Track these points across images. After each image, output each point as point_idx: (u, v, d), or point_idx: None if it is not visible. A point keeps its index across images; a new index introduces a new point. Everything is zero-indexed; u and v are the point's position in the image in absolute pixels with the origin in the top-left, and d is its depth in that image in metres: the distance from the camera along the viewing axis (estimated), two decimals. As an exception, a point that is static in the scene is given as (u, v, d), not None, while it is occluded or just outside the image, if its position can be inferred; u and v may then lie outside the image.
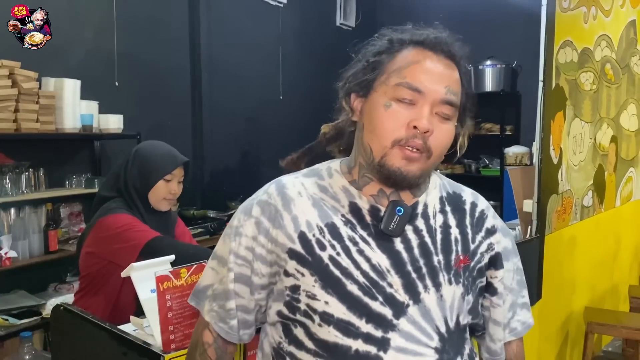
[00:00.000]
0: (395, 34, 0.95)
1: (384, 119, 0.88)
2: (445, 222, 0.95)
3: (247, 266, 0.92)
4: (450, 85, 0.89)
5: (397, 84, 0.88)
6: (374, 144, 0.89)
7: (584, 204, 3.06)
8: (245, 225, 0.93)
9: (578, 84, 2.86)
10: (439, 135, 0.89)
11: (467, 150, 0.97)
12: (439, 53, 0.91)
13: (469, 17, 5.45)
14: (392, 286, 0.87)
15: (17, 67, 2.85)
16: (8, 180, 2.87)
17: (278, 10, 4.86)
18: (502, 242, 1.01)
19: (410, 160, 0.87)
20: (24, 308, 2.81)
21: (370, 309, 0.86)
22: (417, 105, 0.87)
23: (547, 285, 2.59)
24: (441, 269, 0.91)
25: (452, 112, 0.90)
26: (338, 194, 0.94)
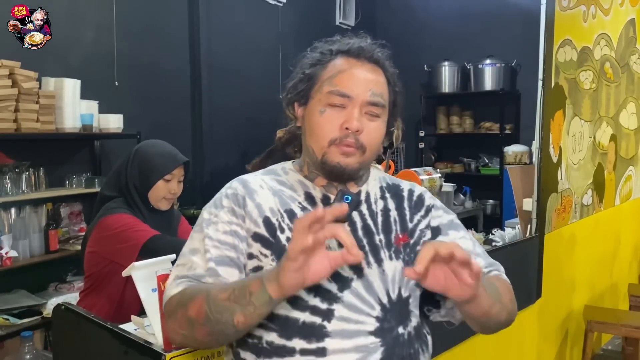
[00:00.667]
0: (326, 45, 1.07)
1: (320, 123, 1.01)
2: (385, 206, 1.07)
3: (230, 249, 0.98)
4: (374, 88, 1.01)
5: (328, 91, 1.01)
6: (315, 145, 1.02)
7: (584, 202, 3.06)
8: (219, 214, 1.01)
9: (577, 83, 2.86)
10: (370, 133, 1.01)
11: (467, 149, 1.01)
12: (363, 60, 1.03)
13: (468, 16, 5.45)
14: None
15: (17, 67, 2.86)
16: (8, 180, 2.87)
17: (277, 9, 4.86)
18: (443, 217, 1.11)
19: (347, 155, 0.99)
20: (25, 308, 2.81)
21: (318, 285, 0.94)
22: (348, 109, 0.99)
23: (547, 284, 2.59)
24: (382, 247, 1.02)
25: (380, 110, 1.02)
26: (295, 185, 1.06)
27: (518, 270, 2.44)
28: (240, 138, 4.48)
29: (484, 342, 2.11)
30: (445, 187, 1.99)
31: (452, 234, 1.08)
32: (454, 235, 1.08)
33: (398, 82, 1.09)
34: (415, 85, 5.89)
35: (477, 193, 5.37)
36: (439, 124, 5.84)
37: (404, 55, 5.90)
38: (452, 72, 5.61)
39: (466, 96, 5.68)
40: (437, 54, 5.64)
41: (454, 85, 5.63)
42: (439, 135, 5.91)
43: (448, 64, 5.58)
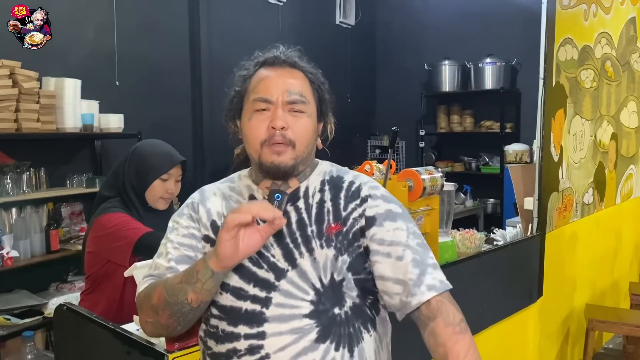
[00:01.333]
0: (248, 62, 1.18)
1: (249, 129, 1.11)
2: (321, 198, 1.13)
3: (189, 249, 1.11)
4: (291, 88, 1.10)
5: (253, 99, 1.11)
6: (251, 150, 1.12)
7: (585, 201, 3.06)
8: (180, 221, 1.15)
9: (578, 82, 2.86)
10: (296, 128, 1.09)
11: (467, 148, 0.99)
12: (279, 66, 1.13)
13: (469, 15, 5.45)
14: (274, 257, 1.08)
15: (18, 67, 2.86)
16: (9, 180, 2.87)
17: (278, 8, 4.86)
18: (380, 207, 1.12)
19: (279, 153, 1.08)
20: (26, 308, 2.81)
21: (257, 276, 1.06)
22: (271, 111, 1.09)
23: (548, 283, 2.59)
24: (314, 237, 1.08)
25: (302, 107, 1.10)
26: (242, 190, 1.17)
27: (519, 269, 2.44)
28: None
29: (486, 340, 2.11)
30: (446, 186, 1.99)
31: (387, 225, 1.09)
32: (388, 226, 1.09)
33: (321, 79, 1.17)
34: (416, 84, 5.89)
35: (477, 192, 5.37)
36: (439, 123, 5.84)
37: (404, 54, 5.95)
38: (453, 71, 5.61)
39: (466, 95, 5.68)
40: (437, 53, 5.64)
41: (455, 84, 5.63)
42: (440, 134, 5.91)
43: (448, 62, 5.58)
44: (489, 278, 2.20)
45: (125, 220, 1.80)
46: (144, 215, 1.87)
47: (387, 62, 6.23)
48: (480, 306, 2.10)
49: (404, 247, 1.08)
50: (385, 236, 1.09)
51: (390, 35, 6.13)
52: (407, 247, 1.08)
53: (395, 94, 6.07)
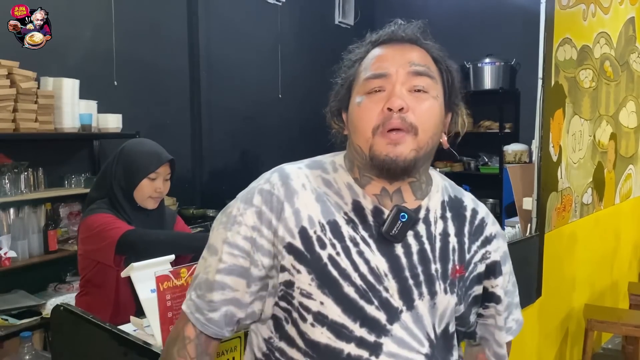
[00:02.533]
0: (358, 44, 0.98)
1: (359, 114, 0.89)
2: (445, 229, 0.94)
3: (244, 257, 0.88)
4: (413, 60, 0.90)
5: (364, 79, 0.90)
6: (360, 141, 0.89)
7: (584, 201, 3.06)
8: (246, 214, 0.89)
9: (577, 82, 2.86)
10: (419, 110, 0.87)
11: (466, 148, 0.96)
12: (397, 42, 0.93)
13: (468, 15, 5.45)
14: (388, 290, 0.87)
15: (16, 67, 2.85)
16: (7, 180, 2.86)
17: (277, 8, 4.85)
18: (501, 248, 1.01)
19: (395, 143, 0.85)
20: (24, 308, 2.81)
21: (365, 313, 0.85)
22: (388, 89, 0.88)
23: (547, 283, 2.59)
24: (438, 278, 0.90)
25: (428, 83, 0.89)
26: (342, 190, 0.92)
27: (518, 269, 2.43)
28: (239, 137, 4.47)
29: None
30: (445, 187, 1.98)
31: (504, 270, 1.01)
32: (504, 272, 1.01)
33: (449, 61, 0.97)
34: (415, 84, 5.88)
35: (476, 192, 5.31)
36: (438, 123, 5.83)
37: (403, 54, 5.93)
38: (452, 71, 5.60)
39: (465, 95, 5.66)
40: (436, 53, 5.63)
41: (453, 84, 5.62)
42: (439, 134, 5.90)
43: (447, 62, 5.58)
44: (488, 278, 2.20)
45: (109, 220, 1.79)
46: (132, 215, 1.86)
47: (386, 62, 6.22)
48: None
49: (506, 294, 1.01)
50: (504, 285, 1.00)
51: (389, 35, 6.13)
52: (506, 293, 1.02)
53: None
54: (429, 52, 0.94)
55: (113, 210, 1.84)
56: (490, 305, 1.00)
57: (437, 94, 0.91)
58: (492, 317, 1.01)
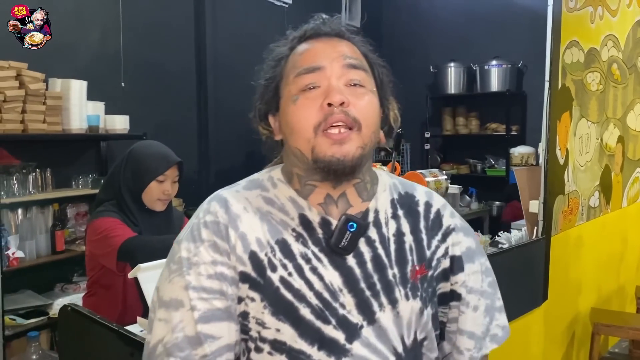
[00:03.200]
0: (282, 42, 0.91)
1: (296, 113, 0.82)
2: (398, 229, 0.88)
3: (218, 298, 0.79)
4: (346, 53, 0.84)
5: (295, 76, 0.83)
6: (299, 143, 0.82)
7: (591, 204, 3.04)
8: (200, 252, 0.81)
9: (584, 84, 2.85)
10: (359, 104, 0.81)
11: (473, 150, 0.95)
12: (324, 36, 0.88)
13: (475, 17, 5.44)
14: (344, 307, 0.80)
15: (24, 69, 2.87)
16: (15, 180, 2.88)
17: (283, 10, 4.86)
18: (463, 243, 0.92)
19: (341, 142, 0.79)
20: (31, 308, 2.83)
21: (322, 334, 0.79)
22: (323, 85, 0.81)
23: (553, 286, 2.58)
24: (397, 284, 0.84)
25: (363, 77, 0.84)
26: (286, 205, 0.85)
27: (524, 272, 2.43)
28: (245, 139, 4.46)
29: (490, 344, 2.10)
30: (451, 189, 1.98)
31: (467, 268, 0.91)
32: (469, 269, 0.91)
33: (376, 56, 0.92)
34: (421, 86, 5.88)
35: (483, 194, 5.35)
36: (444, 125, 5.83)
37: (410, 55, 5.94)
38: (458, 73, 5.60)
39: (472, 97, 5.67)
40: (443, 55, 5.63)
41: (460, 86, 5.62)
42: (445, 137, 5.90)
43: (454, 64, 5.57)
44: (494, 281, 2.19)
45: (112, 225, 1.80)
46: (139, 217, 1.87)
47: (392, 64, 6.07)
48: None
49: (480, 295, 0.92)
50: (468, 282, 0.91)
51: (395, 37, 6.13)
52: (482, 294, 0.92)
53: (400, 95, 5.98)
54: (358, 47, 0.89)
55: (120, 213, 1.85)
56: (452, 305, 0.91)
57: (371, 87, 0.86)
58: (454, 320, 0.92)
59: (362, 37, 0.92)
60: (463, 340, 0.91)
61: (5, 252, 2.72)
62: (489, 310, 0.93)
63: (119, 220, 1.82)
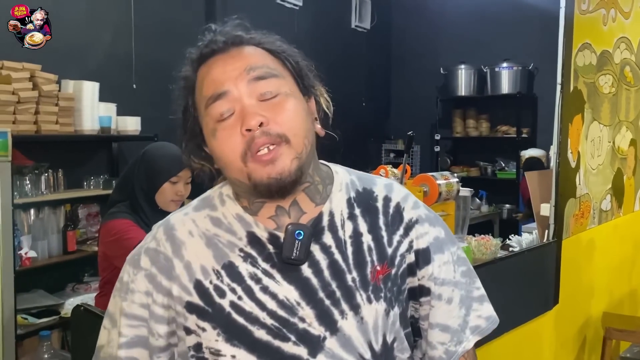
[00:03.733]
0: (184, 67, 0.87)
1: (218, 147, 0.78)
2: (355, 229, 0.84)
3: (144, 326, 0.81)
4: (249, 64, 0.79)
5: (205, 107, 0.79)
6: (234, 173, 0.79)
7: (602, 208, 3.02)
8: (137, 279, 0.82)
9: (597, 87, 2.83)
10: (280, 116, 0.77)
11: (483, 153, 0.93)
12: (220, 52, 0.82)
13: (485, 19, 5.43)
14: (304, 320, 0.77)
15: (38, 70, 2.90)
16: (28, 181, 2.91)
17: (293, 12, 4.88)
18: (430, 234, 0.88)
19: (272, 161, 0.75)
20: (43, 307, 2.85)
21: (283, 353, 0.76)
22: (236, 108, 0.77)
23: (565, 290, 2.57)
24: (357, 288, 0.80)
25: (274, 84, 0.79)
26: (233, 224, 0.82)
27: (535, 275, 2.42)
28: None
29: (500, 348, 2.09)
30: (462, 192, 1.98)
31: (437, 259, 0.87)
32: (438, 260, 0.87)
33: (283, 46, 0.86)
34: (431, 88, 5.87)
35: (493, 197, 5.33)
36: (455, 127, 5.81)
37: (420, 58, 5.93)
38: (469, 75, 5.58)
39: (483, 99, 5.65)
40: (453, 57, 5.62)
41: (471, 88, 5.60)
42: (455, 139, 5.88)
43: (464, 67, 5.56)
44: (505, 284, 2.18)
45: (126, 227, 1.82)
46: (152, 218, 1.88)
47: (402, 66, 6.22)
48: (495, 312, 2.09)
49: (453, 286, 0.88)
50: (437, 274, 0.86)
51: (406, 39, 6.12)
52: (455, 285, 0.88)
53: (410, 97, 6.06)
54: (260, 46, 0.83)
55: (133, 214, 1.86)
56: (422, 301, 0.87)
57: (289, 88, 0.80)
58: (425, 316, 0.87)
59: (264, 32, 0.86)
60: (435, 334, 0.87)
61: (18, 251, 2.74)
62: (464, 301, 0.89)
63: (132, 221, 1.84)
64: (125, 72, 3.60)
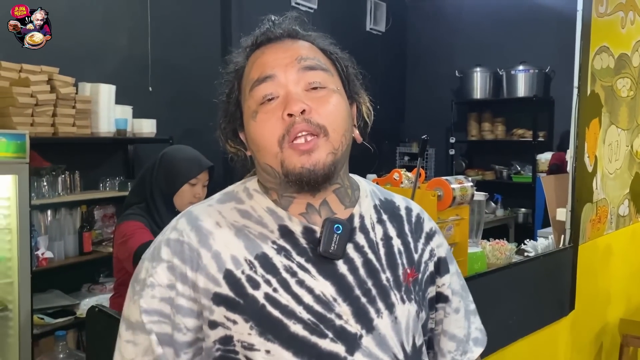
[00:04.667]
0: (235, 53, 0.88)
1: (257, 130, 0.77)
2: (385, 233, 0.85)
3: (166, 322, 0.76)
4: (301, 54, 0.79)
5: (250, 89, 0.79)
6: (267, 159, 0.78)
7: (620, 213, 2.98)
8: (156, 272, 0.77)
9: (614, 91, 2.80)
10: (322, 109, 0.77)
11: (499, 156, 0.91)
12: (276, 40, 0.83)
13: (501, 21, 5.39)
14: (341, 317, 0.76)
15: (56, 73, 2.94)
16: (45, 182, 2.95)
17: (309, 15, 4.88)
18: (444, 245, 0.92)
19: (309, 152, 0.75)
20: (59, 307, 2.88)
21: (320, 350, 0.74)
22: (281, 94, 0.77)
23: (581, 296, 2.53)
24: (391, 287, 0.81)
25: (323, 77, 0.79)
26: (264, 217, 0.80)
27: (551, 281, 2.39)
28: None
29: (515, 353, 2.07)
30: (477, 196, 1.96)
31: (451, 269, 0.92)
32: (452, 270, 0.92)
33: (339, 50, 0.87)
34: (446, 90, 5.85)
35: (508, 201, 5.29)
36: (470, 130, 5.77)
37: (435, 60, 5.91)
38: (484, 78, 5.55)
39: (498, 102, 5.61)
40: (468, 60, 5.59)
41: (486, 91, 5.57)
42: (470, 142, 5.85)
43: (480, 69, 5.53)
44: (520, 290, 2.16)
45: (133, 230, 1.82)
46: (166, 220, 1.89)
47: (417, 69, 6.21)
48: (510, 318, 2.07)
49: (460, 297, 0.91)
50: (452, 283, 0.91)
51: (421, 42, 6.10)
52: (461, 297, 0.92)
53: (425, 100, 6.04)
54: (314, 44, 0.84)
55: (148, 217, 1.88)
56: (438, 307, 0.90)
57: (337, 86, 0.81)
58: (439, 322, 0.91)
59: (320, 33, 0.86)
60: (445, 342, 0.91)
61: (35, 252, 2.78)
62: (466, 313, 0.93)
63: (142, 224, 1.85)
64: (141, 75, 3.63)
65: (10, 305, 2.50)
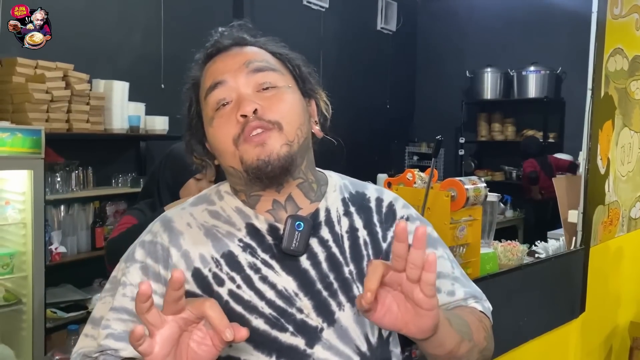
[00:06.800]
0: (193, 67, 0.91)
1: (215, 134, 0.81)
2: (351, 225, 0.86)
3: (134, 322, 0.76)
4: (248, 59, 0.83)
5: (204, 97, 0.84)
6: (228, 160, 0.81)
7: (632, 215, 2.97)
8: (129, 272, 0.81)
9: (628, 93, 2.79)
10: (275, 105, 0.80)
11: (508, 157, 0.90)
12: (225, 50, 0.86)
13: (513, 22, 5.38)
14: (302, 311, 0.78)
15: (71, 70, 2.97)
16: (59, 178, 2.98)
17: (320, 14, 4.90)
18: None
19: (262, 143, 0.78)
20: (72, 302, 2.91)
21: (280, 343, 0.77)
22: (233, 97, 0.81)
23: (591, 298, 2.53)
24: (354, 280, 0.82)
25: (274, 77, 0.83)
26: (232, 216, 0.84)
27: (562, 283, 2.39)
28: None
29: (525, 354, 2.08)
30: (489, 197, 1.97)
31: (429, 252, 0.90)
32: (437, 254, 0.89)
33: (289, 51, 0.89)
34: (456, 91, 5.84)
35: (518, 202, 5.27)
36: (480, 131, 5.77)
37: (445, 60, 5.91)
38: (495, 79, 5.54)
39: (509, 103, 5.60)
40: (479, 60, 5.58)
41: (497, 91, 5.56)
42: (480, 142, 5.84)
43: (491, 70, 5.52)
44: (531, 291, 2.16)
45: (119, 225, 1.84)
46: None
47: (427, 69, 6.20)
48: (521, 319, 2.07)
49: (453, 281, 0.90)
50: None
51: (431, 42, 6.10)
52: (456, 280, 0.90)
53: (435, 100, 6.03)
54: (263, 47, 0.87)
55: (149, 213, 1.89)
56: None
57: (288, 84, 0.84)
58: None
59: (269, 37, 0.89)
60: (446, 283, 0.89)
61: (49, 247, 2.81)
62: (467, 285, 0.92)
63: (133, 219, 1.86)
64: (154, 72, 3.65)
65: (24, 299, 2.53)
